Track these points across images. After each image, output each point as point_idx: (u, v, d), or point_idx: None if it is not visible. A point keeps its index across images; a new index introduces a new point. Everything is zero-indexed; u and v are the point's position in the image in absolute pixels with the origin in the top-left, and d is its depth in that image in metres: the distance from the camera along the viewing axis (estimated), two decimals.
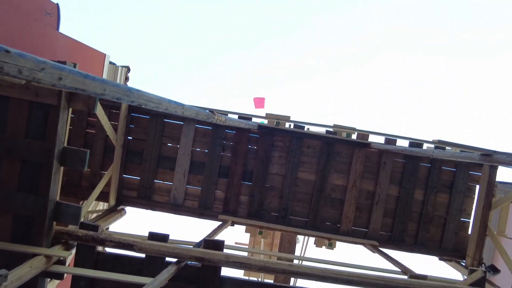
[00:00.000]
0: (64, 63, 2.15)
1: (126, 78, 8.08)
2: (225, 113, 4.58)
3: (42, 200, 3.16)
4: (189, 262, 3.23)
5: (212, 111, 3.03)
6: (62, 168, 3.27)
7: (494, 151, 3.24)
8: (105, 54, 6.70)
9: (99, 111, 4.15)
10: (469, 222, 5.16)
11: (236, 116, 4.80)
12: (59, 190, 3.31)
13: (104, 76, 6.62)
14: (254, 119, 5.05)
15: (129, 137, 4.99)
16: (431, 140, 3.12)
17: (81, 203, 4.84)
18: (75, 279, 3.36)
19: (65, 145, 3.24)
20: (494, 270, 4.49)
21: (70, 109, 3.28)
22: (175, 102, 2.19)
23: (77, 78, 1.36)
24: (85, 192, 4.87)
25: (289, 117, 4.97)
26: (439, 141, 3.07)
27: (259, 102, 7.56)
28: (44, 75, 1.21)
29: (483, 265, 4.57)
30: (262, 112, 5.94)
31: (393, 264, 4.18)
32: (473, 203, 5.17)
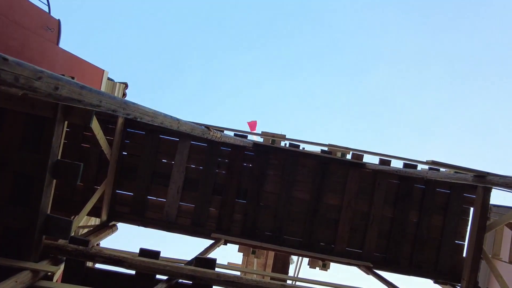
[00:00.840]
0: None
1: (124, 94, 8.13)
2: (221, 129, 4.60)
3: (33, 213, 3.12)
4: (180, 280, 3.17)
5: (207, 127, 3.04)
6: (54, 181, 3.24)
7: (488, 173, 3.26)
8: (103, 70, 6.77)
9: (95, 125, 4.15)
10: (464, 244, 5.13)
11: (232, 133, 4.82)
12: (51, 204, 3.27)
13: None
14: (250, 137, 5.07)
15: (124, 152, 4.98)
16: (425, 161, 3.14)
17: (72, 217, 4.77)
18: None
19: (59, 158, 3.23)
20: None
21: (66, 123, 3.27)
22: (171, 116, 2.20)
23: (74, 89, 1.37)
24: (77, 206, 4.80)
25: (284, 135, 5.00)
26: (433, 162, 3.09)
27: (252, 125, 7.67)
28: (41, 84, 1.22)
29: None
30: (257, 131, 5.98)
31: (386, 285, 4.12)
32: (467, 225, 5.16)
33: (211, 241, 4.63)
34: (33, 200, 3.14)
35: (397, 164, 4.98)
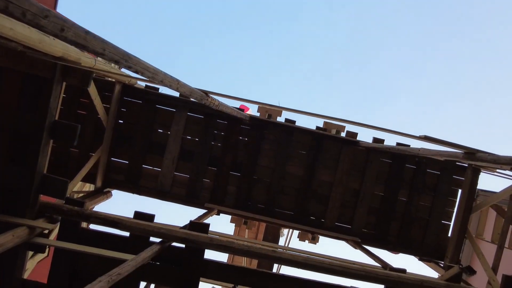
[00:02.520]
0: None
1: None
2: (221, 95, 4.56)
3: (29, 172, 3.15)
4: (173, 243, 3.24)
5: (206, 92, 3.06)
6: (51, 141, 3.26)
7: (477, 150, 3.34)
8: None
9: (92, 90, 4.14)
10: (450, 224, 5.28)
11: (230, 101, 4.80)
12: (47, 164, 3.30)
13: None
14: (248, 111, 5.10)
15: (120, 121, 4.98)
16: (418, 136, 3.21)
17: None
18: (57, 254, 3.34)
19: (57, 119, 3.23)
20: (471, 271, 4.61)
21: (64, 84, 3.27)
22: (171, 76, 2.21)
23: (79, 33, 1.39)
24: (72, 173, 4.83)
25: (281, 111, 5.03)
26: (426, 137, 3.16)
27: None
28: (47, 23, 1.23)
29: (460, 266, 4.68)
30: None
31: (373, 259, 4.26)
32: (454, 206, 5.29)
33: (205, 211, 4.71)
34: (30, 160, 3.17)
35: (390, 143, 5.06)
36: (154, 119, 5.00)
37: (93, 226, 3.77)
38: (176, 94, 5.01)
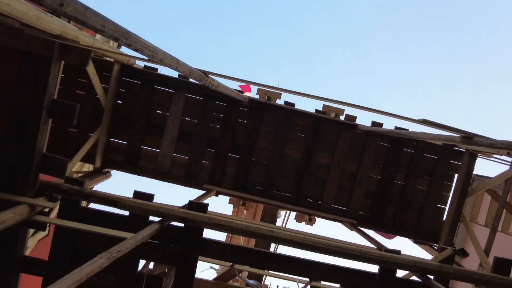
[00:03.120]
0: None
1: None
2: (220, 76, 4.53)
3: (29, 151, 3.15)
4: (172, 222, 3.29)
5: (205, 72, 3.04)
6: (50, 120, 3.26)
7: (475, 134, 3.36)
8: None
9: (91, 70, 4.11)
10: (445, 208, 5.35)
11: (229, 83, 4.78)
12: (46, 144, 3.31)
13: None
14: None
15: (119, 101, 4.96)
16: (416, 119, 3.23)
17: None
18: (57, 232, 3.38)
19: (55, 98, 3.22)
20: (463, 253, 4.71)
21: (62, 62, 3.24)
22: (171, 55, 2.20)
23: (78, 8, 1.37)
24: (71, 153, 4.82)
25: (280, 93, 5.02)
26: (424, 120, 3.18)
27: (245, 88, 7.60)
28: None
29: (454, 248, 4.78)
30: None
31: (369, 241, 4.34)
32: (450, 190, 5.35)
33: (203, 192, 4.76)
34: (29, 139, 3.17)
35: (389, 127, 5.07)
36: (152, 100, 4.98)
37: (92, 206, 3.81)
38: (175, 74, 4.98)
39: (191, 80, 4.89)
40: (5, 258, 3.13)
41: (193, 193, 4.98)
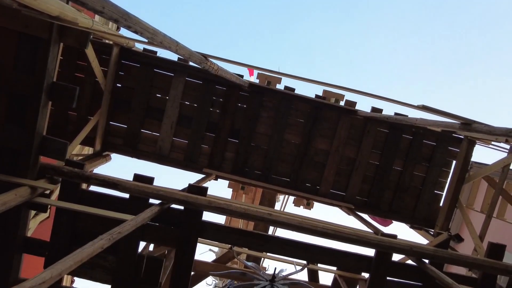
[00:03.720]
0: None
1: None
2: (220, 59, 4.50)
3: (29, 133, 3.16)
4: (172, 205, 3.33)
5: (205, 56, 3.02)
6: (50, 103, 3.26)
7: (474, 121, 3.37)
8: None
9: (90, 52, 4.08)
10: (442, 194, 5.40)
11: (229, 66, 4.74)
12: (46, 126, 3.31)
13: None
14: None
15: (118, 84, 4.94)
16: (416, 105, 3.23)
17: None
18: (58, 214, 3.42)
19: (54, 80, 3.21)
20: (459, 238, 4.78)
21: (61, 44, 3.22)
22: (170, 37, 2.19)
23: None
24: (70, 136, 4.83)
25: (280, 78, 5.00)
26: (424, 106, 3.18)
27: (252, 72, 7.57)
28: None
29: (449, 233, 4.85)
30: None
31: (366, 225, 4.40)
32: (448, 177, 5.39)
33: (203, 176, 4.79)
34: (29, 121, 3.17)
35: (389, 113, 5.07)
36: (152, 84, 4.96)
37: (93, 189, 3.84)
38: (175, 58, 4.95)
39: (191, 63, 4.86)
40: (8, 239, 3.17)
41: (192, 178, 5.01)
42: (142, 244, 3.71)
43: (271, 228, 5.92)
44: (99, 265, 3.36)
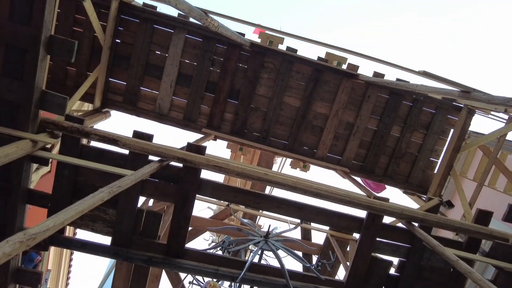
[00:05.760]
0: None
1: None
2: (221, 15, 4.40)
3: (28, 87, 3.16)
4: (171, 162, 3.39)
5: (205, 11, 2.95)
6: (48, 57, 3.22)
7: (473, 89, 3.37)
8: None
9: (88, 5, 3.98)
10: (437, 162, 5.49)
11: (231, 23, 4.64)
12: (45, 80, 3.30)
13: None
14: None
15: (117, 40, 4.86)
16: (417, 71, 3.20)
17: None
18: (60, 168, 3.50)
19: (52, 33, 3.16)
20: (449, 204, 4.92)
21: None
22: None
23: None
24: (69, 91, 4.83)
25: (283, 38, 4.90)
26: (424, 72, 3.16)
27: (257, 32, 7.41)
28: None
29: (440, 199, 4.98)
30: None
31: (360, 189, 4.51)
32: (445, 145, 5.45)
33: (202, 135, 4.84)
34: (27, 75, 3.15)
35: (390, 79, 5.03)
36: (151, 40, 4.88)
37: (93, 144, 3.89)
38: (175, 14, 4.83)
39: (191, 19, 4.75)
40: (12, 190, 3.27)
41: (191, 138, 5.05)
42: (141, 200, 3.83)
43: (267, 192, 6.07)
44: (100, 218, 3.48)
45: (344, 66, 5.05)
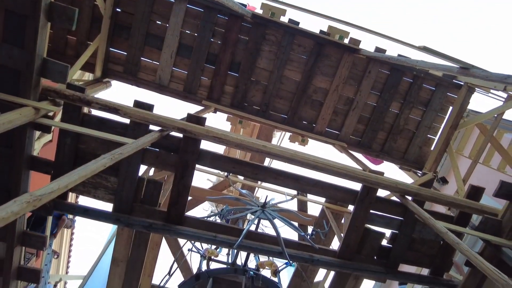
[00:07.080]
0: None
1: None
2: None
3: (29, 54, 3.16)
4: (171, 132, 3.45)
5: None
6: (49, 25, 3.21)
7: (472, 66, 3.37)
8: None
9: None
10: (434, 139, 5.55)
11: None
12: (46, 48, 3.30)
13: None
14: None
15: (117, 9, 4.80)
16: (417, 46, 3.20)
17: None
18: (62, 136, 3.55)
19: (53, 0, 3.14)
20: (443, 181, 5.03)
21: None
22: None
23: None
24: (70, 61, 4.81)
25: (285, 10, 4.84)
26: (424, 47, 3.16)
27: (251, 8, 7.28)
28: None
29: (434, 175, 5.08)
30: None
31: (356, 163, 4.59)
32: (443, 122, 5.50)
33: (202, 108, 4.87)
34: (28, 42, 3.15)
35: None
36: (152, 9, 4.82)
37: (94, 113, 3.94)
38: None
39: None
40: (15, 156, 3.34)
41: (191, 109, 5.09)
42: (142, 169, 3.91)
43: (266, 165, 6.16)
44: (102, 185, 3.57)
45: (346, 41, 5.02)
